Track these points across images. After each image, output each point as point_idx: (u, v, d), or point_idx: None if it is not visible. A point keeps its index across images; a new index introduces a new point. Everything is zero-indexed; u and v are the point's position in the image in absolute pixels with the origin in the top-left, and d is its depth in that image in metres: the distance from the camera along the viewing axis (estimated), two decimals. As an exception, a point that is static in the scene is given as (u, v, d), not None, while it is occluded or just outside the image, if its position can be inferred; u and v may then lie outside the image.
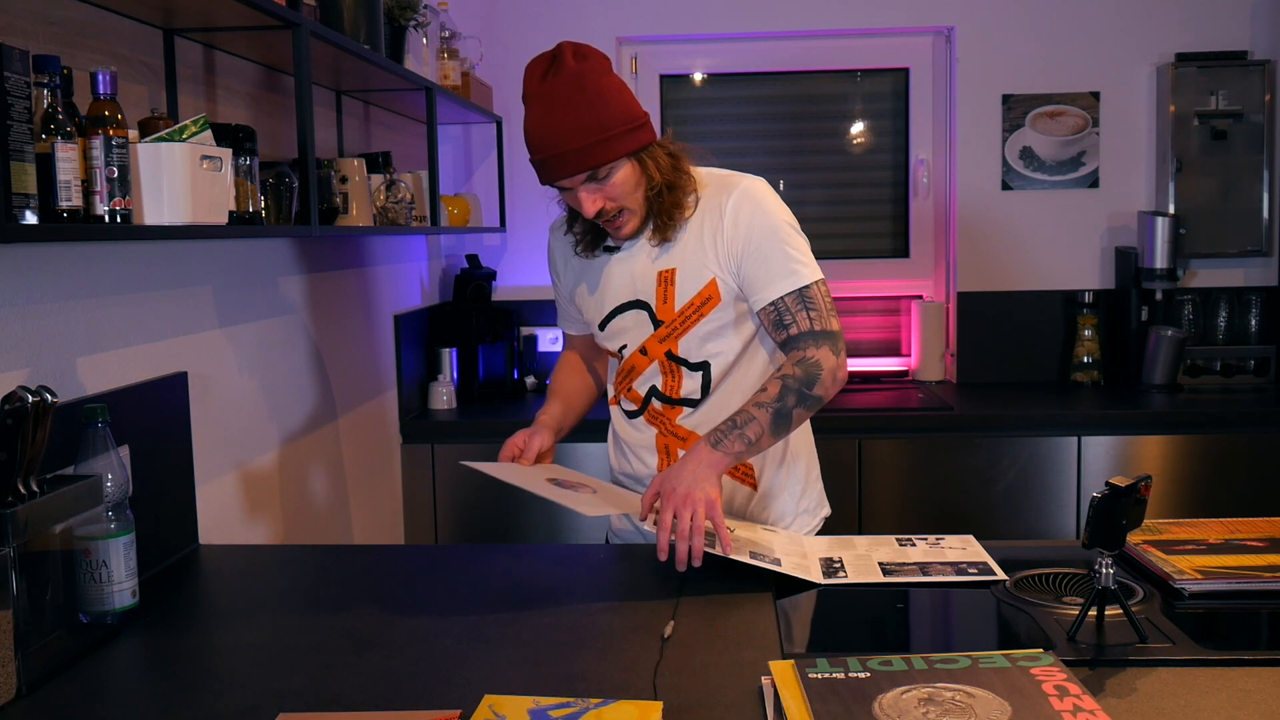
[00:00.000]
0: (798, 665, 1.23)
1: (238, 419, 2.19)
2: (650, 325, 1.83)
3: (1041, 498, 3.18)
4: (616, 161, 1.71)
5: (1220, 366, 3.57)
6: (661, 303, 1.82)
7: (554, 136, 1.69)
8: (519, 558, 1.88)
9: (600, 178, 1.71)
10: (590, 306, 1.90)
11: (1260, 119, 3.54)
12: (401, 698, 1.27)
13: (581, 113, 1.68)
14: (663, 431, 1.88)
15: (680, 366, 1.84)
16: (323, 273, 2.65)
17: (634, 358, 1.87)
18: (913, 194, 3.86)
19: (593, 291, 1.89)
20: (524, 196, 3.81)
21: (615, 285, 1.86)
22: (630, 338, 1.86)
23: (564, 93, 1.69)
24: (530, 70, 1.76)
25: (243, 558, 1.95)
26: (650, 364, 1.86)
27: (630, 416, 1.93)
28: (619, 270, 1.86)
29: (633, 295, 1.84)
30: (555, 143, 1.69)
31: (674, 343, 1.82)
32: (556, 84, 1.70)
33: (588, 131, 1.68)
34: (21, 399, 1.29)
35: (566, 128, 1.68)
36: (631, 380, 1.89)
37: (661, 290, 1.81)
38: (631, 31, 3.77)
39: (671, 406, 1.87)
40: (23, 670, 1.28)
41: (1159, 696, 1.22)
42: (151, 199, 1.51)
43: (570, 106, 1.68)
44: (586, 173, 1.70)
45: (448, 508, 3.27)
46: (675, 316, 1.81)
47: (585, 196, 1.72)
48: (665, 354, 1.84)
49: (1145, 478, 1.40)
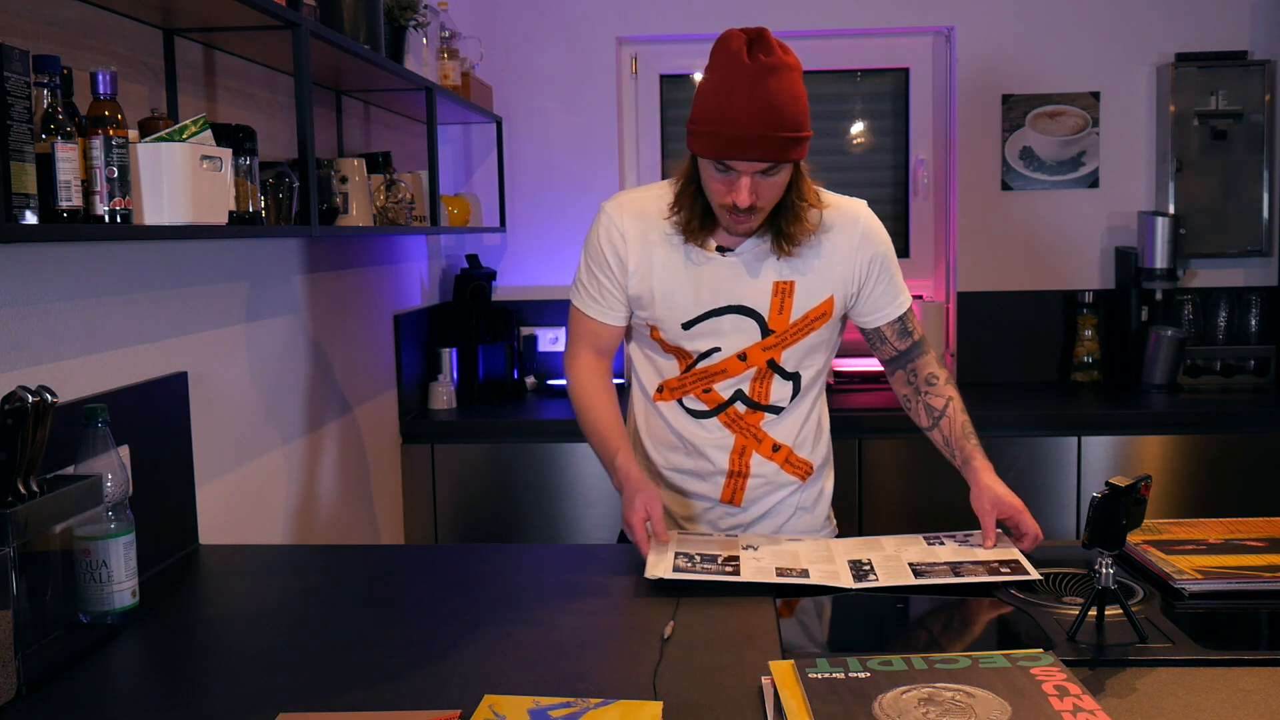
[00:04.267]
0: (798, 665, 1.23)
1: (238, 419, 2.19)
2: (758, 334, 1.84)
3: (1041, 498, 3.18)
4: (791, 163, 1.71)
5: (1220, 366, 3.57)
6: (776, 313, 1.83)
7: (760, 117, 1.64)
8: (519, 558, 1.88)
9: (771, 173, 1.69)
10: (674, 303, 1.83)
11: (1260, 119, 3.54)
12: (401, 698, 1.27)
13: (786, 105, 1.65)
14: (744, 435, 1.90)
15: (774, 374, 1.87)
16: (323, 273, 2.65)
17: (729, 361, 1.85)
18: (913, 194, 3.86)
19: (681, 288, 1.83)
20: (524, 196, 3.81)
21: (717, 288, 1.82)
22: (727, 342, 1.84)
23: (775, 81, 1.65)
24: (730, 40, 1.68)
25: (243, 558, 1.95)
26: (746, 370, 1.86)
27: (698, 416, 1.90)
28: (726, 274, 1.82)
29: (738, 301, 1.82)
30: (759, 123, 1.64)
31: (778, 352, 1.86)
32: (770, 67, 1.65)
33: (787, 125, 1.66)
34: (21, 399, 1.29)
35: (772, 113, 1.64)
36: (715, 381, 1.87)
37: (777, 301, 1.83)
38: (631, 31, 3.77)
39: (754, 411, 1.89)
40: (23, 670, 1.28)
41: (1159, 696, 1.22)
42: (151, 199, 1.51)
43: (780, 95, 1.65)
44: (769, 164, 1.67)
45: (448, 508, 3.27)
46: (789, 328, 1.84)
47: (747, 184, 1.68)
48: (767, 361, 1.86)
49: (1145, 478, 1.40)
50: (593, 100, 3.78)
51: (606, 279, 1.87)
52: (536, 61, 3.77)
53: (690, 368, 1.88)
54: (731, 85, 1.65)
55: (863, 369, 3.82)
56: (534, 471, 3.24)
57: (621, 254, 1.85)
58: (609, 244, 1.85)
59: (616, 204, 1.88)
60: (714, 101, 1.67)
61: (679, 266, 1.83)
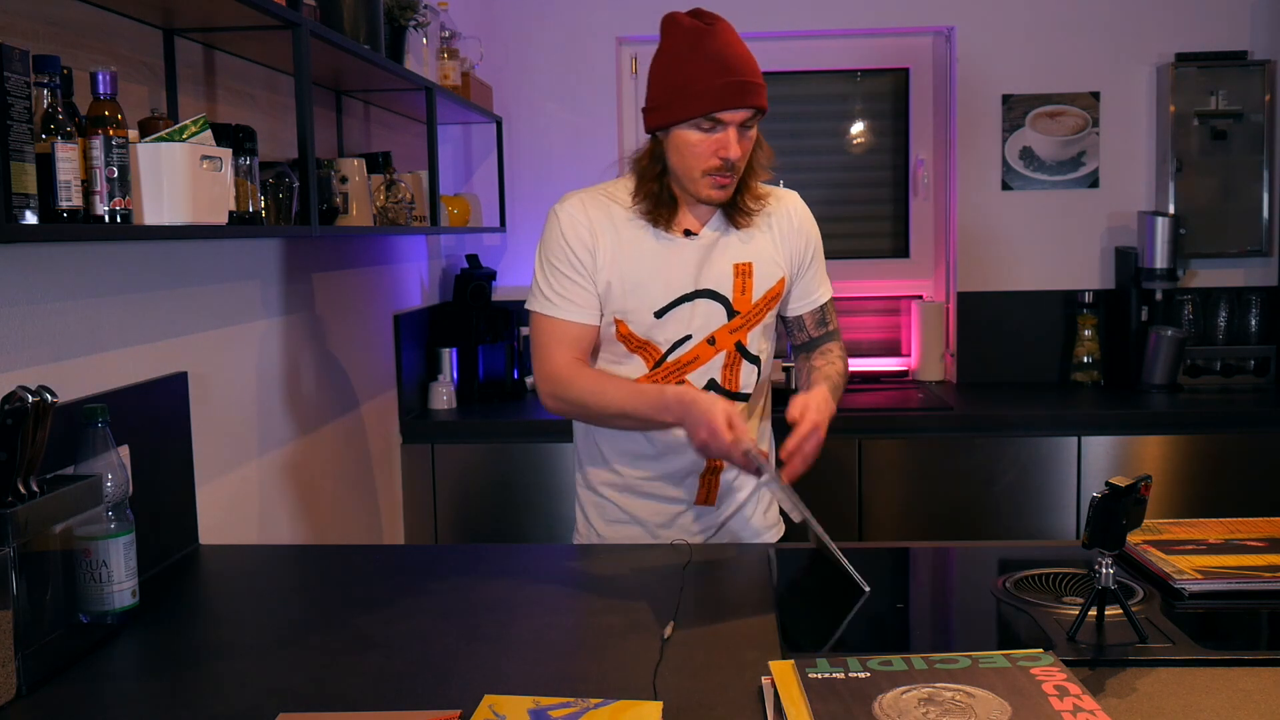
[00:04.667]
0: (798, 665, 1.23)
1: (238, 419, 2.19)
2: (724, 316, 1.85)
3: (1041, 498, 3.18)
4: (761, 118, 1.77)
5: (1220, 366, 3.57)
6: (739, 294, 1.86)
7: (741, 66, 1.72)
8: (519, 558, 1.88)
9: (749, 126, 1.76)
10: (645, 291, 1.82)
11: (1260, 119, 3.54)
12: (401, 698, 1.27)
13: (751, 56, 1.75)
14: None
15: (743, 358, 1.88)
16: (323, 273, 2.65)
17: (699, 348, 1.85)
18: (913, 194, 3.86)
19: (651, 275, 1.82)
20: (524, 196, 3.81)
21: (684, 273, 1.83)
22: (697, 327, 1.85)
23: (733, 35, 1.75)
24: (676, 18, 1.77)
25: (243, 558, 1.95)
26: (716, 354, 1.86)
27: None
28: (691, 258, 1.84)
29: (705, 285, 1.84)
30: (742, 70, 1.72)
31: (744, 334, 1.87)
32: (725, 26, 1.75)
33: (760, 75, 1.75)
34: (21, 399, 1.30)
35: (748, 61, 1.74)
36: (688, 371, 1.86)
37: (740, 282, 1.86)
38: (631, 31, 3.77)
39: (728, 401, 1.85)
40: (23, 670, 1.28)
41: (1159, 696, 1.22)
42: (151, 199, 1.51)
43: (743, 47, 1.75)
44: (754, 111, 1.74)
45: (448, 508, 3.27)
46: (751, 309, 1.87)
47: (735, 135, 1.74)
48: (735, 344, 1.87)
49: (1145, 478, 1.40)
50: (593, 100, 3.78)
51: (578, 275, 1.82)
52: (536, 61, 3.77)
53: (660, 362, 1.85)
54: (700, 47, 1.72)
55: (863, 369, 3.82)
56: (534, 471, 3.24)
57: (590, 246, 1.82)
58: (576, 239, 1.83)
59: (572, 202, 1.85)
60: (687, 65, 1.72)
61: (648, 253, 1.83)
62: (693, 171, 1.77)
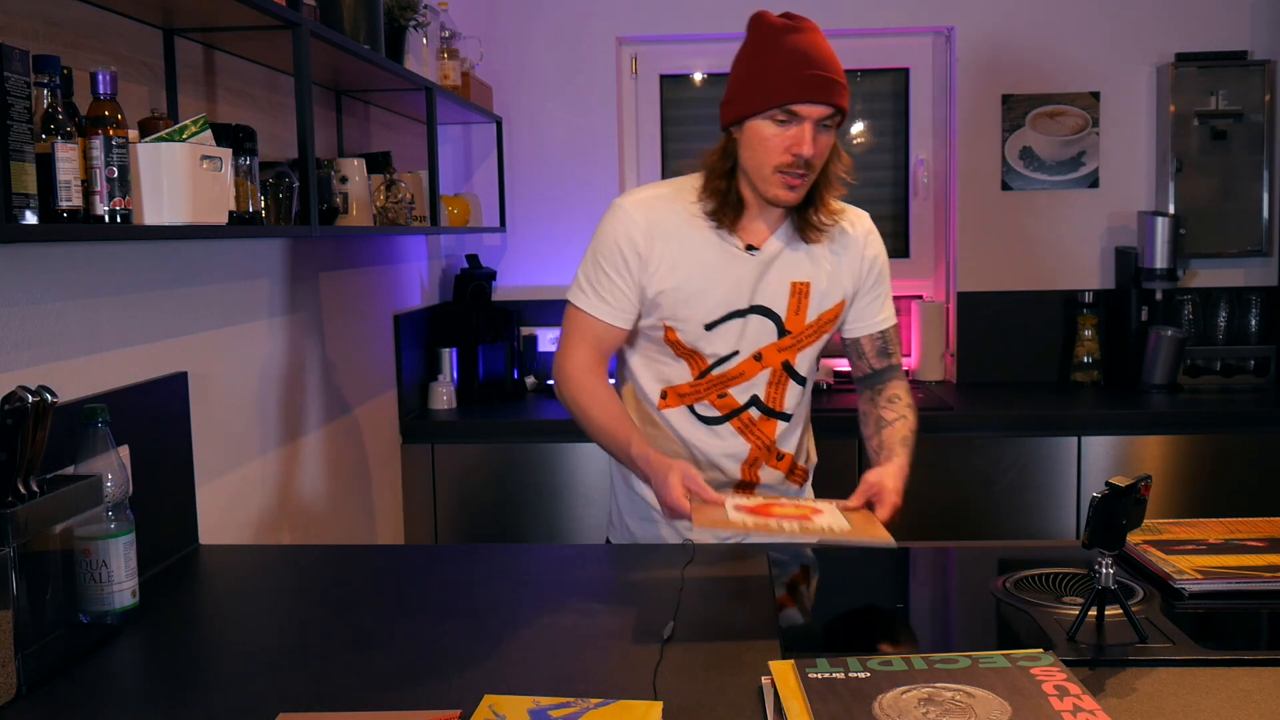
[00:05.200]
0: (798, 665, 1.23)
1: (238, 419, 2.19)
2: (775, 334, 1.82)
3: (1041, 498, 3.18)
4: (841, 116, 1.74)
5: (1220, 366, 3.57)
6: (793, 314, 1.82)
7: (822, 61, 1.71)
8: (519, 558, 1.88)
9: (828, 124, 1.72)
10: (701, 302, 1.79)
11: (1260, 119, 3.54)
12: (401, 698, 1.27)
13: (835, 56, 1.74)
14: (757, 445, 1.88)
15: (789, 378, 1.86)
16: (323, 273, 2.65)
17: (746, 364, 1.83)
18: (913, 194, 3.86)
19: (710, 287, 1.79)
20: (524, 196, 3.81)
21: (741, 287, 1.80)
22: (745, 344, 1.82)
23: (819, 35, 1.75)
24: (763, 15, 1.77)
25: (243, 558, 1.95)
26: (761, 371, 1.84)
27: (710, 422, 1.86)
28: (750, 273, 1.80)
29: (755, 301, 1.81)
30: (823, 66, 1.70)
31: (793, 354, 1.85)
32: (811, 26, 1.75)
33: (841, 72, 1.73)
34: (21, 399, 1.29)
35: (830, 59, 1.72)
36: (731, 385, 1.84)
37: (795, 301, 1.82)
38: (631, 31, 3.77)
39: (768, 418, 1.87)
40: (23, 670, 1.28)
41: (1159, 696, 1.22)
42: (151, 199, 1.51)
43: (828, 46, 1.74)
44: (832, 110, 1.71)
45: (448, 508, 3.27)
46: (804, 329, 1.84)
47: (811, 131, 1.69)
48: (782, 364, 1.85)
49: (1145, 478, 1.40)
50: (593, 100, 3.78)
51: (620, 277, 1.79)
52: (536, 61, 3.77)
53: (705, 373, 1.84)
54: (783, 41, 1.70)
55: (863, 369, 3.82)
56: (534, 471, 3.24)
57: (642, 251, 1.78)
58: (627, 240, 1.78)
59: (635, 200, 1.82)
60: (768, 58, 1.70)
61: (706, 265, 1.79)
62: (764, 168, 1.72)
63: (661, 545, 1.92)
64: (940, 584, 1.80)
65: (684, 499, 1.61)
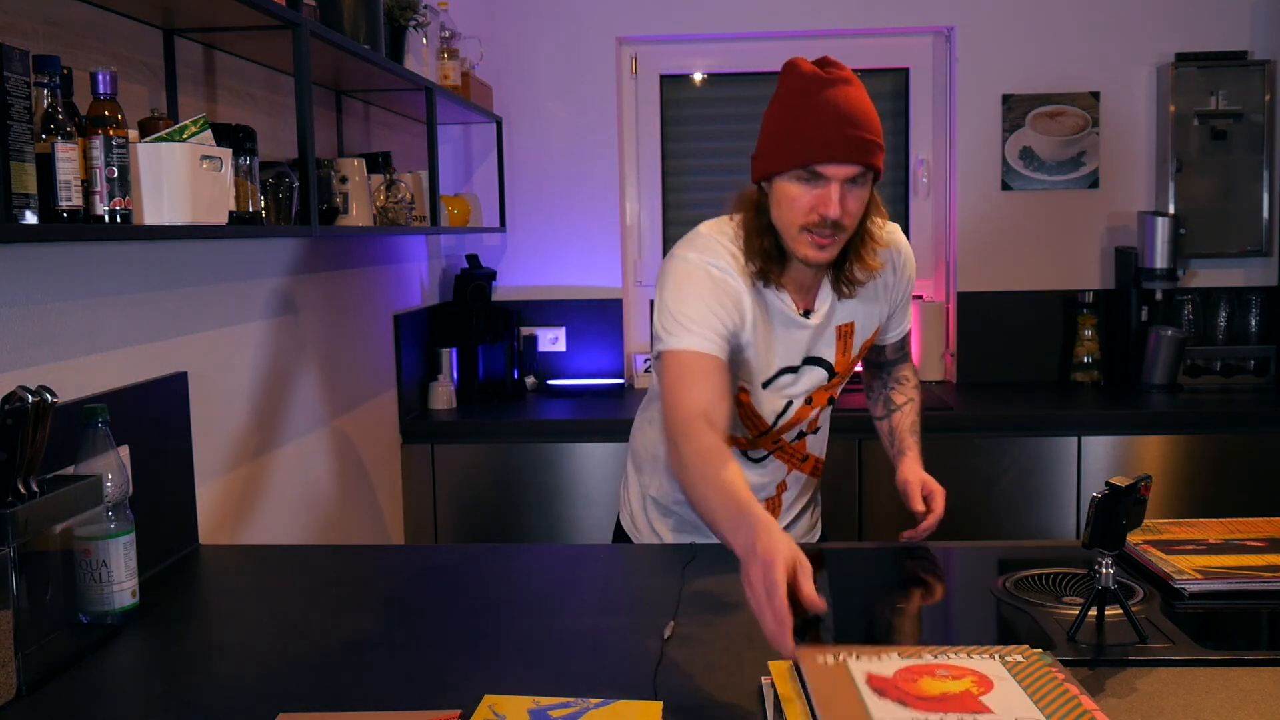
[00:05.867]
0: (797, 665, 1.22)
1: (238, 419, 2.19)
2: (825, 377, 1.82)
3: (1041, 498, 3.18)
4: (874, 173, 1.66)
5: (1220, 366, 3.57)
6: (840, 355, 1.82)
7: (850, 118, 1.61)
8: (519, 558, 1.88)
9: (858, 183, 1.64)
10: (760, 364, 1.75)
11: (1260, 119, 3.54)
12: (401, 698, 1.27)
13: (870, 111, 1.64)
14: (789, 460, 1.89)
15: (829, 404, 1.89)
16: (323, 273, 2.65)
17: (800, 410, 1.82)
18: (913, 194, 3.86)
19: (764, 349, 1.74)
20: (524, 196, 3.81)
21: (794, 348, 1.77)
22: (797, 391, 1.80)
23: (855, 89, 1.64)
24: (798, 64, 1.66)
25: (243, 558, 1.95)
26: (812, 411, 1.85)
27: (758, 462, 1.85)
28: (801, 335, 1.76)
29: (810, 354, 1.79)
30: (850, 124, 1.60)
31: (837, 389, 1.87)
32: (846, 78, 1.64)
33: (874, 129, 1.64)
34: (21, 399, 1.29)
35: (860, 115, 1.62)
36: (785, 431, 1.82)
37: (841, 344, 1.81)
38: (631, 31, 3.77)
39: (802, 438, 1.89)
40: (23, 670, 1.28)
41: (1159, 696, 1.22)
42: (151, 199, 1.51)
43: (863, 101, 1.64)
44: (864, 167, 1.62)
45: (448, 508, 3.27)
46: (848, 365, 1.85)
47: (838, 191, 1.61)
48: (828, 399, 1.86)
49: (1145, 478, 1.40)
50: (593, 100, 3.78)
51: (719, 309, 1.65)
52: (536, 61, 3.77)
53: (765, 433, 1.81)
54: (813, 95, 1.61)
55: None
56: (534, 471, 3.24)
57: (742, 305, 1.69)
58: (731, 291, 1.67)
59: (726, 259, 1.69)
60: (797, 112, 1.61)
61: (774, 328, 1.74)
62: (791, 227, 1.65)
63: (662, 545, 1.92)
64: (940, 584, 1.80)
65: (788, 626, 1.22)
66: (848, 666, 1.19)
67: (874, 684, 1.15)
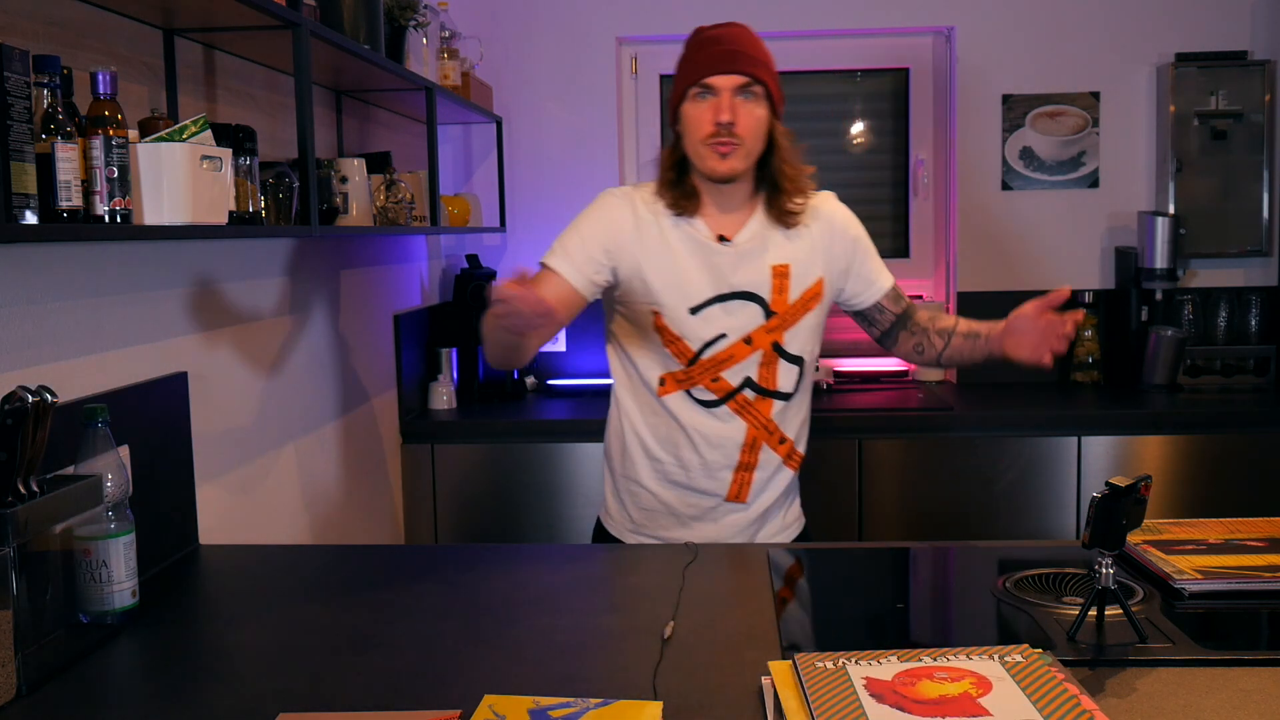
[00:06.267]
0: (797, 665, 1.23)
1: (238, 419, 2.19)
2: (761, 316, 1.92)
3: (1041, 498, 3.18)
4: (765, 91, 1.86)
5: (1220, 366, 3.57)
6: (777, 294, 1.93)
7: (737, 39, 1.87)
8: (519, 558, 1.88)
9: (749, 95, 1.85)
10: (677, 289, 1.90)
11: (1260, 119, 3.54)
12: (401, 698, 1.27)
13: (759, 46, 1.90)
14: (755, 425, 1.95)
15: (780, 357, 1.94)
16: (323, 273, 2.65)
17: (736, 346, 1.92)
18: (913, 194, 3.86)
19: (683, 275, 1.90)
20: (524, 196, 3.81)
21: (717, 275, 1.91)
22: (732, 326, 1.91)
23: (744, 31, 1.91)
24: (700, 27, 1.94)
25: (243, 558, 1.95)
26: (752, 353, 1.93)
27: (708, 405, 1.94)
28: (726, 262, 1.91)
29: (739, 287, 1.91)
30: (731, 42, 1.86)
31: (781, 334, 1.94)
32: (737, 25, 1.92)
33: (761, 56, 1.88)
34: (21, 399, 1.29)
35: (746, 42, 1.88)
36: (723, 369, 1.92)
37: (777, 283, 1.93)
38: (631, 31, 3.77)
39: (764, 398, 1.95)
40: (23, 670, 1.28)
41: (1159, 696, 1.22)
42: (151, 199, 1.51)
43: (750, 37, 1.91)
44: (748, 78, 1.84)
45: (448, 508, 3.27)
46: (789, 308, 1.93)
47: (729, 102, 1.83)
48: (772, 344, 1.93)
49: (1145, 478, 1.40)
50: (592, 100, 3.78)
51: (592, 243, 1.91)
52: (536, 61, 3.77)
53: (695, 359, 1.92)
54: (702, 34, 1.90)
55: (863, 369, 3.82)
56: (534, 471, 3.24)
57: (622, 239, 1.91)
58: (612, 223, 1.92)
59: (622, 192, 1.97)
60: (689, 51, 1.90)
61: (685, 254, 1.90)
62: (696, 145, 1.86)
63: (662, 545, 1.93)
64: (940, 584, 1.80)
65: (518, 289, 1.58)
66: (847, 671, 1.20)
67: (872, 689, 1.16)
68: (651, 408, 1.97)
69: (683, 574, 1.67)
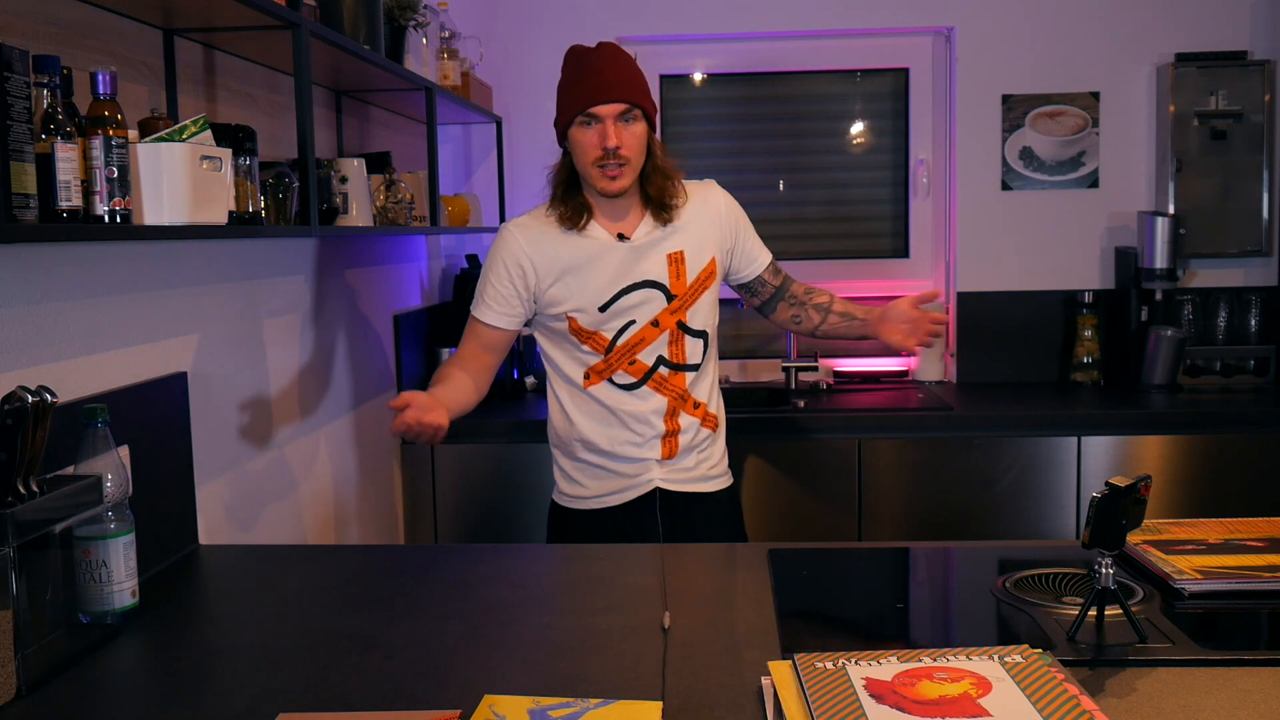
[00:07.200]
0: (797, 665, 1.23)
1: (238, 419, 2.19)
2: (664, 300, 2.13)
3: (1041, 498, 3.18)
4: (643, 112, 2.05)
5: (1220, 366, 3.56)
6: (675, 279, 2.14)
7: (609, 67, 2.03)
8: (519, 558, 1.88)
9: (629, 118, 2.03)
10: (585, 292, 2.11)
11: (1260, 119, 3.54)
12: (401, 698, 1.27)
13: (631, 67, 2.07)
14: (672, 396, 2.17)
15: (685, 334, 2.16)
16: (323, 273, 2.65)
17: (644, 330, 2.13)
18: (913, 194, 3.86)
19: (589, 278, 2.11)
20: (524, 197, 3.81)
21: (622, 271, 2.12)
22: (640, 313, 2.13)
23: (616, 53, 2.07)
24: (574, 47, 2.11)
25: (243, 558, 1.95)
26: (661, 334, 2.14)
27: (629, 388, 2.16)
28: (627, 258, 2.12)
29: (640, 278, 2.12)
30: (610, 71, 2.03)
31: (684, 313, 2.15)
32: (608, 48, 2.07)
33: (635, 79, 2.06)
34: (21, 399, 1.30)
35: (621, 68, 2.05)
36: (637, 352, 2.14)
37: (674, 269, 2.14)
38: (631, 31, 3.77)
39: (677, 372, 2.17)
40: (23, 670, 1.28)
41: (1159, 696, 1.22)
42: (151, 199, 1.51)
43: (623, 60, 2.07)
44: (627, 105, 2.02)
45: (448, 508, 3.27)
46: (687, 290, 2.15)
47: (613, 128, 2.02)
48: (676, 323, 2.15)
49: (1145, 478, 1.40)
50: (593, 100, 3.77)
51: (505, 287, 2.14)
52: (536, 61, 3.77)
53: (610, 348, 2.14)
54: (580, 60, 2.06)
55: (863, 369, 3.83)
56: (534, 471, 3.24)
57: (525, 265, 2.12)
58: (512, 258, 2.13)
59: (516, 223, 2.17)
60: (570, 77, 2.06)
61: (588, 258, 2.11)
62: (587, 167, 2.06)
63: (661, 545, 1.93)
64: (940, 584, 1.80)
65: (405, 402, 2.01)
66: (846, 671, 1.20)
67: (872, 689, 1.16)
68: (581, 398, 2.19)
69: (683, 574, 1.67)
